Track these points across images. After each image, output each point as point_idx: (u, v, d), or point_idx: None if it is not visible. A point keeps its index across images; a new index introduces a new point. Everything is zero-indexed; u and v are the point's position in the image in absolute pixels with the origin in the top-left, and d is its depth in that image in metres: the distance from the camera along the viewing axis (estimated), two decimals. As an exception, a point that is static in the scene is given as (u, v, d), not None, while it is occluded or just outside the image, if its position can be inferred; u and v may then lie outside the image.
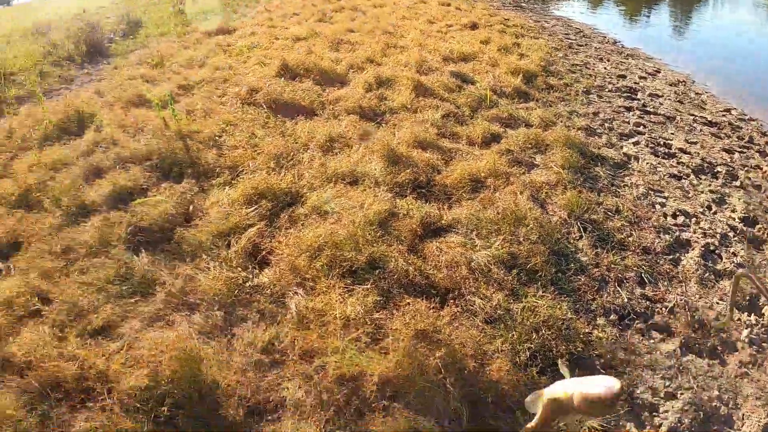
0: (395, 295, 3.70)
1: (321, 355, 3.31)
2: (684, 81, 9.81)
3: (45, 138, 5.83)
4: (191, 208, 4.34)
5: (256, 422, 3.06)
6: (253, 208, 4.24)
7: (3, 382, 3.27)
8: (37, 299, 3.72)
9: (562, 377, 2.90)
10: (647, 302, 4.05)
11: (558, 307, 3.79)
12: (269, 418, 3.08)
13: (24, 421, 3.09)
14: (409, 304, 3.61)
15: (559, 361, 3.31)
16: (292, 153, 4.88)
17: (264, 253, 3.95)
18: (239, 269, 3.80)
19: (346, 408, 3.12)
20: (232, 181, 4.61)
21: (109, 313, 3.61)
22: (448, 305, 3.68)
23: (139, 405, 3.09)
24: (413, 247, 4.11)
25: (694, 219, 5.13)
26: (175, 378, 3.13)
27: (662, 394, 3.37)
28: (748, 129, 7.69)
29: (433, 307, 3.62)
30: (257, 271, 3.84)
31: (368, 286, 3.67)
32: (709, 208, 5.39)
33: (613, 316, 3.91)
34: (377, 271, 3.79)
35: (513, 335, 3.53)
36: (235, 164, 4.78)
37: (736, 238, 4.91)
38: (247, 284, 3.71)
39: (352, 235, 3.94)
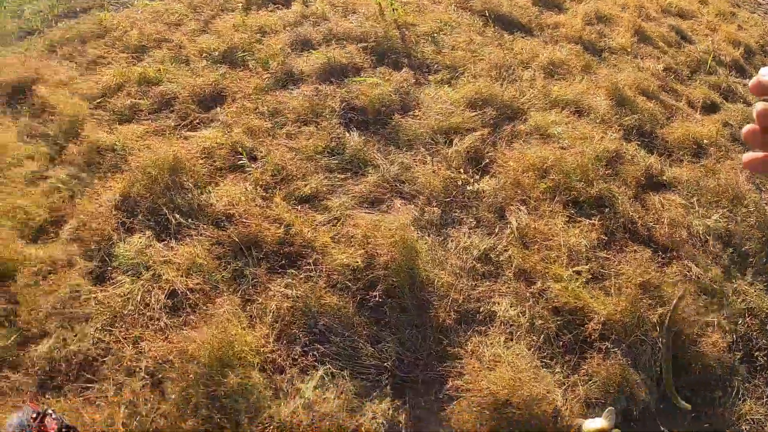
0: (619, 239, 3.44)
1: (540, 278, 3.11)
2: None
3: (249, 3, 5.74)
4: (409, 97, 4.14)
5: (464, 330, 2.92)
6: (476, 113, 4.00)
7: (197, 229, 3.25)
8: (245, 154, 3.66)
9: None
10: None
11: (765, 299, 3.46)
12: (477, 329, 2.92)
13: (215, 273, 3.06)
14: (635, 251, 3.36)
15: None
16: (512, 67, 4.57)
17: (486, 161, 3.73)
18: (459, 171, 3.60)
19: (556, 339, 2.94)
20: (451, 81, 4.37)
21: (318, 183, 3.52)
22: (671, 264, 3.41)
23: (349, 284, 3.00)
24: (636, 195, 3.79)
25: None
26: (391, 266, 3.02)
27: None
28: None
29: (657, 262, 3.38)
30: (477, 177, 3.63)
31: (594, 222, 3.41)
32: None
33: (810, 326, 3.56)
34: (606, 210, 3.51)
35: (723, 314, 3.28)
36: (454, 65, 4.54)
37: None
38: (467, 188, 3.51)
39: (581, 165, 3.65)
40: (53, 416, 2.23)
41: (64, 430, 2.22)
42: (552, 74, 4.66)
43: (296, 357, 2.76)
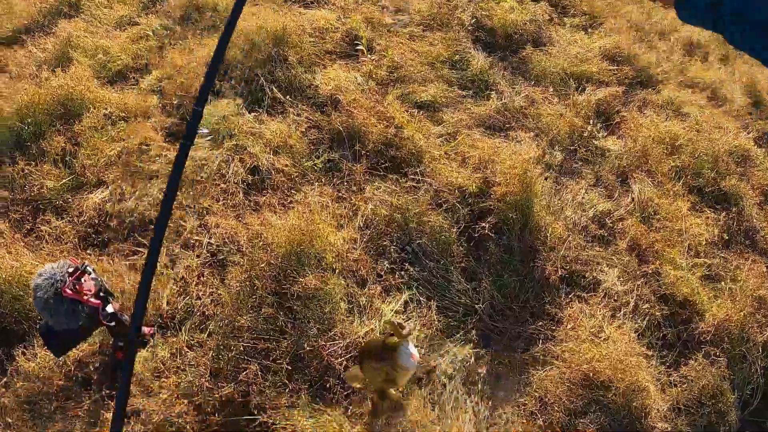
0: (739, 243, 3.00)
1: (655, 259, 2.70)
2: None
3: None
4: (542, 32, 3.66)
5: (566, 291, 2.52)
6: (614, 67, 3.52)
7: (294, 108, 2.91)
8: (365, 39, 3.23)
9: None
10: None
11: None
12: (579, 294, 2.53)
13: (308, 161, 2.70)
14: (755, 261, 2.92)
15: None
16: (651, 33, 4.06)
17: (617, 120, 3.27)
18: (588, 121, 3.16)
19: (658, 329, 2.53)
20: (588, 29, 3.87)
21: (437, 92, 3.12)
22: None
23: (458, 206, 2.60)
24: (760, 203, 3.35)
25: None
26: (508, 199, 2.60)
27: None
28: None
29: (778, 279, 2.95)
30: (605, 133, 3.19)
31: (719, 217, 2.98)
32: None
33: None
34: (733, 209, 3.07)
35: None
36: (592, 12, 4.02)
37: None
38: (593, 141, 3.07)
39: (713, 154, 3.20)
40: (92, 275, 1.85)
41: (101, 294, 1.84)
42: (690, 53, 4.14)
43: (382, 273, 2.38)
